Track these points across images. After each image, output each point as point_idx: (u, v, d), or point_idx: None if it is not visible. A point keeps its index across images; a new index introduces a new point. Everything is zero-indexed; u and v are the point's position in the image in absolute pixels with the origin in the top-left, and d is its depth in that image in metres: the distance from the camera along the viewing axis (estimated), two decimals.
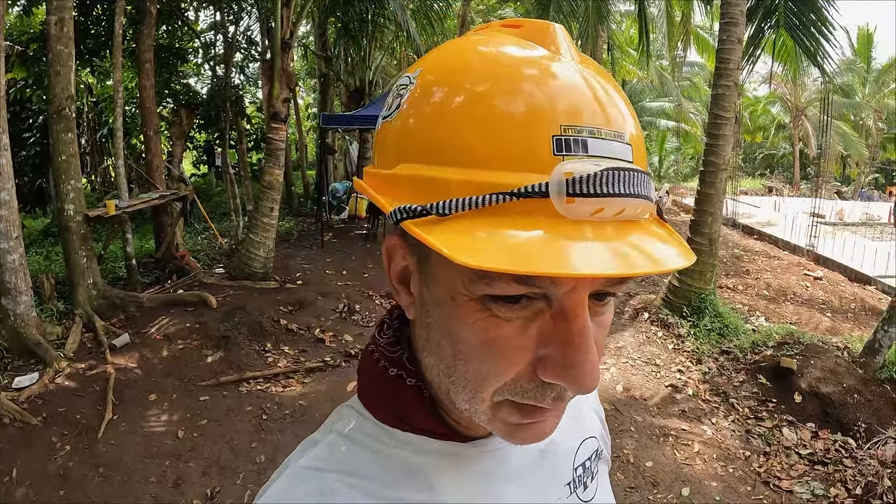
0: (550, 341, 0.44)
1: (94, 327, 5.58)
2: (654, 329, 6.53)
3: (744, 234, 13.93)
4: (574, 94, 0.43)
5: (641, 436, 4.49)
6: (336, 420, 0.60)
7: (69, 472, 3.73)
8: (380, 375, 0.57)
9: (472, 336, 0.45)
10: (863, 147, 25.45)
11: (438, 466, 0.55)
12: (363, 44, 11.88)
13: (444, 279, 0.46)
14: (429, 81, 0.47)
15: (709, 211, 6.66)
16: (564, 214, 0.39)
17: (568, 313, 0.43)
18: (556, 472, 0.63)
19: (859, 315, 8.43)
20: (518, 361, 0.45)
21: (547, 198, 0.38)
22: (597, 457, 0.70)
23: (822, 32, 7.07)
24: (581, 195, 0.38)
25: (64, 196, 5.92)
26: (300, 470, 0.54)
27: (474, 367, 0.46)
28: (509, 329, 0.44)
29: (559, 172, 0.38)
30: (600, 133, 0.42)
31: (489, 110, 0.42)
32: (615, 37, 15.92)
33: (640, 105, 25.00)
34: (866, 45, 26.38)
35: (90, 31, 9.29)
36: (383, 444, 0.55)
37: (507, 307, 0.43)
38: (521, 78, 0.43)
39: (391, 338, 0.58)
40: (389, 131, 0.48)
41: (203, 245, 10.06)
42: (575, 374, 0.43)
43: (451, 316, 0.46)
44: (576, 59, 0.46)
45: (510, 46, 0.47)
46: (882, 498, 3.62)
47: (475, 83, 0.43)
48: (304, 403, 4.73)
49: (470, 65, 0.46)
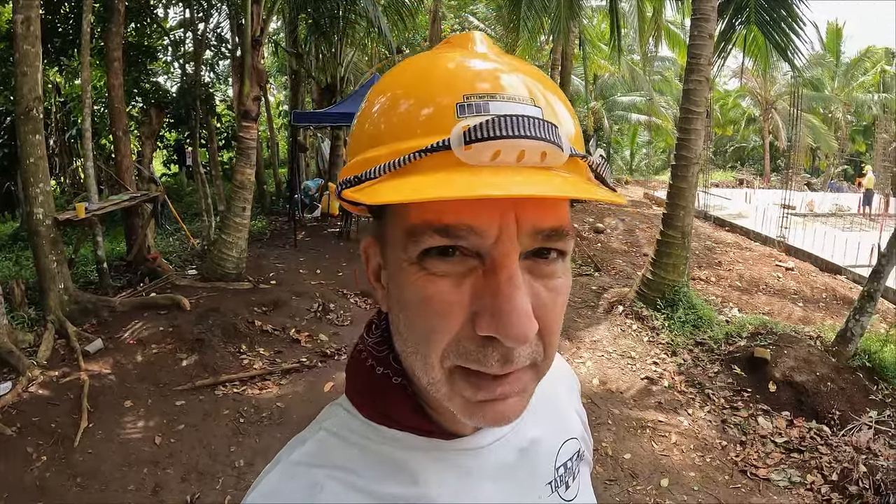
0: (482, 294, 0.46)
1: (66, 333, 5.46)
2: (628, 322, 6.58)
3: (715, 226, 14.14)
4: (479, 72, 0.48)
5: (619, 428, 4.53)
6: (325, 418, 0.61)
7: (46, 482, 3.66)
8: (367, 374, 0.59)
9: (412, 296, 0.48)
10: (832, 139, 26.05)
11: (423, 462, 0.57)
12: (334, 40, 11.80)
13: (393, 255, 0.51)
14: (371, 93, 0.54)
15: (681, 204, 6.72)
16: (465, 161, 0.43)
17: (497, 265, 0.46)
18: (537, 471, 0.64)
19: (830, 304, 8.61)
20: (455, 316, 0.47)
21: (450, 150, 0.43)
22: (578, 458, 0.71)
23: (792, 28, 7.18)
24: (476, 140, 0.42)
25: (33, 200, 5.77)
26: (290, 466, 0.56)
27: (418, 327, 0.49)
28: (443, 284, 0.47)
29: (458, 127, 0.43)
30: (503, 97, 0.46)
31: (408, 95, 0.49)
32: (586, 32, 16.01)
33: (611, 99, 25.21)
34: (835, 40, 27.04)
35: (58, 29, 9.07)
36: (370, 441, 0.57)
37: (438, 260, 0.47)
38: (435, 67, 0.50)
39: (378, 337, 0.60)
40: (350, 137, 0.55)
41: (175, 246, 9.93)
42: (505, 323, 0.45)
43: (400, 285, 0.50)
44: (492, 53, 0.52)
45: (433, 52, 0.54)
46: (858, 483, 3.71)
47: (399, 82, 0.51)
48: (282, 405, 4.69)
49: (400, 71, 0.53)
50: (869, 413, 4.55)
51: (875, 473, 3.74)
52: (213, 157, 11.56)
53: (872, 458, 3.95)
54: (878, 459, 3.93)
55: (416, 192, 0.42)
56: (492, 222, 0.46)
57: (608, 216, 13.20)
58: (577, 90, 22.68)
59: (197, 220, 11.23)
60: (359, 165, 0.49)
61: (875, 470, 3.78)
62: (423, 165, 0.44)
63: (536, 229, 0.47)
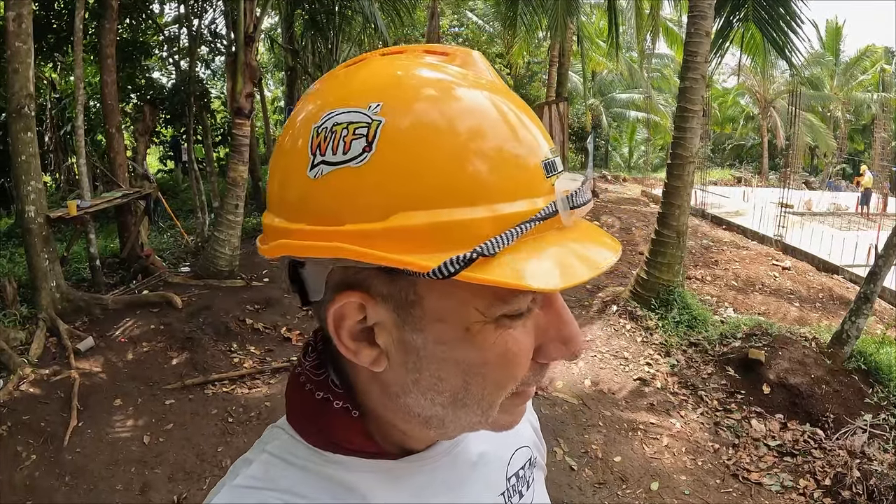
0: (546, 329, 0.50)
1: (58, 331, 5.46)
2: (622, 322, 6.55)
3: (713, 224, 14.09)
4: (534, 122, 0.49)
5: (610, 430, 4.51)
6: (267, 441, 0.59)
7: (35, 481, 3.67)
8: (307, 398, 0.57)
9: (491, 356, 0.47)
10: (830, 138, 26.04)
11: (372, 484, 0.55)
12: (330, 36, 11.76)
13: (452, 314, 0.46)
14: (410, 120, 0.44)
15: (676, 203, 6.70)
16: (566, 225, 0.46)
17: (552, 301, 0.50)
18: (488, 482, 0.65)
19: (827, 304, 8.57)
20: (528, 360, 0.50)
21: (556, 216, 0.45)
22: (530, 465, 0.72)
23: (790, 26, 7.16)
24: (577, 206, 0.46)
25: (25, 197, 5.77)
26: (236, 489, 0.54)
27: (492, 381, 0.49)
28: (521, 336, 0.48)
29: (559, 191, 0.46)
30: (553, 153, 0.49)
31: (489, 146, 0.44)
32: (585, 28, 15.95)
33: (610, 96, 25.18)
34: (835, 39, 27.03)
35: (52, 25, 9.00)
36: (315, 465, 0.55)
37: (516, 318, 0.47)
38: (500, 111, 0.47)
39: (315, 360, 0.58)
40: (363, 178, 0.43)
41: (169, 243, 9.92)
42: (575, 343, 0.50)
43: (465, 346, 0.47)
44: (499, 84, 0.50)
45: (463, 81, 0.48)
46: (851, 488, 3.69)
47: (465, 120, 0.45)
48: (270, 405, 4.68)
49: (447, 102, 0.46)
50: (864, 416, 4.51)
51: (869, 478, 3.72)
52: (209, 153, 11.53)
53: (866, 463, 3.92)
54: (871, 464, 3.90)
55: (574, 274, 0.44)
56: None
57: (605, 214, 13.19)
58: (576, 87, 22.63)
59: (191, 217, 11.20)
60: (441, 231, 0.42)
61: (869, 475, 3.75)
62: (532, 232, 0.44)
63: None
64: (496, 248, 0.41)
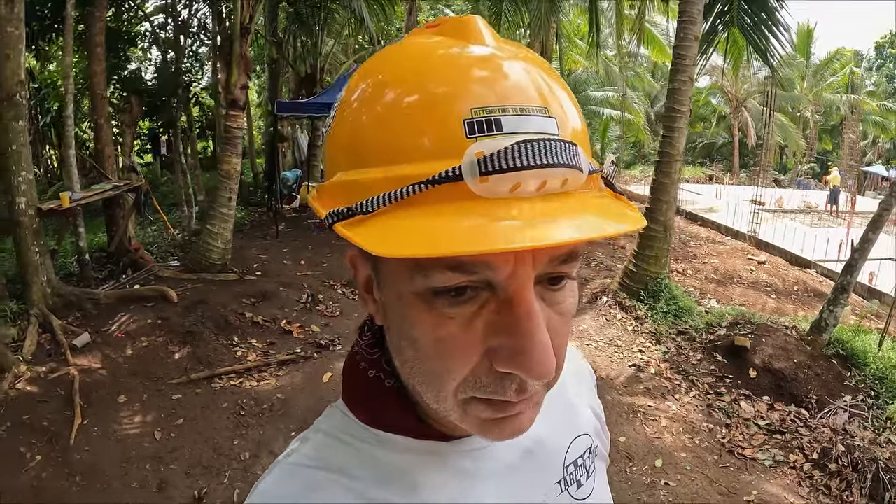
0: (499, 331, 0.43)
1: (51, 327, 5.30)
2: (613, 312, 6.76)
3: (688, 220, 14.46)
4: (485, 75, 0.43)
5: (612, 413, 4.69)
6: (324, 420, 0.61)
7: (43, 483, 3.55)
8: (361, 377, 0.58)
9: (422, 335, 0.45)
10: (800, 138, 26.69)
11: (421, 466, 0.55)
12: (315, 30, 11.72)
13: (391, 280, 0.46)
14: (347, 91, 0.48)
15: (664, 199, 6.92)
16: (481, 194, 0.39)
17: (512, 299, 0.43)
18: (543, 470, 0.63)
19: (802, 296, 8.94)
20: (469, 358, 0.44)
21: (462, 181, 0.38)
22: (591, 454, 0.69)
23: (772, 31, 7.40)
24: (493, 172, 0.38)
25: (15, 188, 5.58)
26: (288, 467, 0.56)
27: (430, 365, 0.46)
28: (454, 326, 0.44)
29: (470, 153, 0.39)
30: (515, 109, 0.41)
31: (402, 102, 0.42)
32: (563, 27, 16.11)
33: (584, 94, 25.39)
34: (806, 41, 27.71)
35: (36, 12, 8.74)
36: (367, 444, 0.56)
37: (450, 302, 0.43)
38: (430, 68, 0.44)
39: (371, 339, 0.59)
40: (326, 145, 0.50)
41: (155, 237, 9.80)
42: (525, 361, 0.42)
43: (403, 316, 0.46)
44: (493, 44, 0.46)
45: (423, 43, 0.47)
46: (837, 461, 3.95)
47: (390, 81, 0.44)
48: (282, 396, 4.68)
49: (388, 65, 0.47)
50: (844, 397, 4.81)
51: (853, 452, 3.98)
52: (193, 146, 11.38)
53: (849, 439, 4.20)
54: (854, 440, 4.17)
55: (434, 244, 0.37)
56: (508, 255, 0.42)
57: None
58: None
59: (174, 210, 11.10)
60: (346, 190, 0.44)
61: (852, 449, 4.01)
62: (433, 197, 0.39)
63: (552, 256, 0.44)
64: (372, 206, 0.40)
